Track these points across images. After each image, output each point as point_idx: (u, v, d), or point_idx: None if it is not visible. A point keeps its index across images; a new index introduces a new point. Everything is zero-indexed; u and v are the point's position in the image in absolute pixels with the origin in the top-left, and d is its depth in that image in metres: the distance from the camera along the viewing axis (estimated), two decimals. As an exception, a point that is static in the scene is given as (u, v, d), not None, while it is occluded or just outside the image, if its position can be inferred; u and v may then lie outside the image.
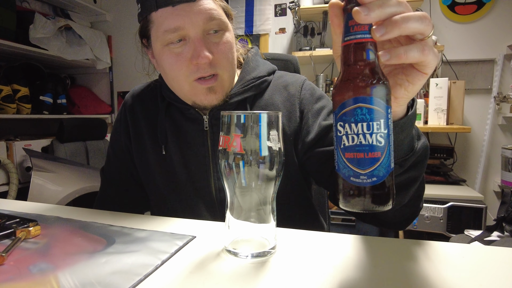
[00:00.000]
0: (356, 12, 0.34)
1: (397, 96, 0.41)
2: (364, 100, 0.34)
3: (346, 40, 0.36)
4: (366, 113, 0.34)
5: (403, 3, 0.36)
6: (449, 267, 0.41)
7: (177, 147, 0.72)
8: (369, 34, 0.35)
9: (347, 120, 0.34)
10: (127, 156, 0.78)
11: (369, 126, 0.34)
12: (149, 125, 0.75)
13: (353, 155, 0.35)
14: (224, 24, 0.63)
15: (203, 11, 0.59)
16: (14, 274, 0.40)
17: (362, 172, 0.34)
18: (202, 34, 0.61)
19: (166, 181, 0.73)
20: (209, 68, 0.62)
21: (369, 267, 0.41)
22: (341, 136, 0.35)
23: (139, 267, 0.41)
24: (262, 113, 0.41)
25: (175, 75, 0.64)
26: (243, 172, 0.42)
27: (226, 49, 0.64)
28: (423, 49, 0.36)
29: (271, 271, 0.40)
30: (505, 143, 2.00)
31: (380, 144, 0.34)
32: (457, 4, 2.05)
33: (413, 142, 0.49)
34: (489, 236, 1.32)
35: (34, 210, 0.65)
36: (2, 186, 1.83)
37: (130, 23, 2.62)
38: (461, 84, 1.87)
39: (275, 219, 0.46)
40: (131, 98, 0.80)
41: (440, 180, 1.87)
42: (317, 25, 2.30)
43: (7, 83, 1.97)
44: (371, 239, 0.50)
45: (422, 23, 0.35)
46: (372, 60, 0.35)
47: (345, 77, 0.36)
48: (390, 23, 0.34)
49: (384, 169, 0.34)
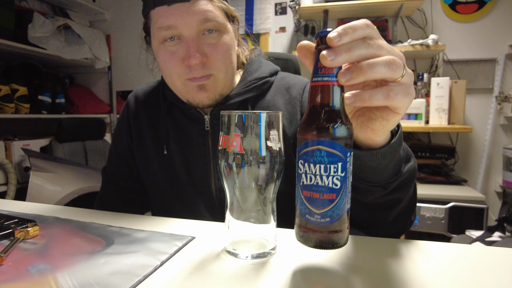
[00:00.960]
0: (322, 56, 0.34)
1: (374, 129, 0.41)
2: (324, 143, 0.35)
3: (313, 81, 0.37)
4: (325, 156, 0.35)
5: (374, 44, 0.36)
6: (451, 267, 0.41)
7: (179, 147, 0.72)
8: (336, 77, 0.35)
9: (307, 159, 0.36)
10: (129, 155, 0.79)
11: (327, 168, 0.35)
12: (151, 125, 0.75)
13: (309, 194, 0.36)
14: (222, 25, 0.63)
15: (197, 12, 0.60)
16: (12, 275, 0.40)
17: (316, 212, 0.36)
18: (196, 34, 0.61)
19: (167, 181, 0.74)
20: (201, 70, 0.62)
21: (369, 268, 0.41)
22: (301, 174, 0.36)
23: (138, 267, 0.41)
24: (262, 113, 0.41)
25: (169, 73, 0.65)
26: (243, 172, 0.41)
27: (222, 50, 0.63)
28: (387, 95, 0.36)
29: (271, 272, 0.40)
30: (506, 143, 1.99)
31: (336, 186, 0.35)
32: (458, 3, 2.05)
33: (400, 165, 0.48)
34: (491, 236, 1.31)
35: (33, 211, 0.65)
36: (1, 186, 1.82)
37: (129, 22, 2.62)
38: (462, 84, 1.87)
39: (275, 219, 0.45)
40: (134, 98, 0.80)
41: (441, 180, 1.86)
42: (318, 24, 2.30)
43: (6, 83, 1.96)
44: (372, 239, 0.50)
45: (389, 68, 0.35)
46: (336, 104, 0.36)
47: (310, 117, 0.37)
48: (356, 69, 0.34)
49: (338, 210, 0.36)
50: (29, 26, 2.02)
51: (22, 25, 2.02)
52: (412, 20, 2.13)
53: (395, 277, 0.39)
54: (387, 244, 0.48)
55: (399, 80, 0.37)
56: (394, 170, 0.48)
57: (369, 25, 0.36)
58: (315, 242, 0.37)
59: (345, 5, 1.98)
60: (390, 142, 0.45)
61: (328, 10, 2.05)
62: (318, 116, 0.36)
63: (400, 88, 0.37)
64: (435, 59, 2.11)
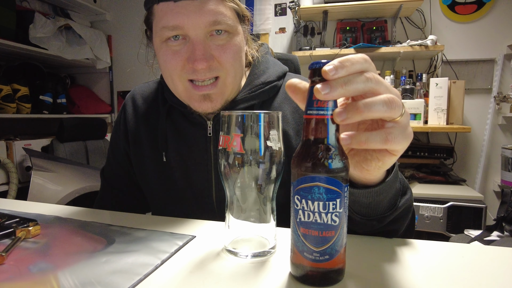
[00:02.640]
0: (316, 90, 0.32)
1: (369, 169, 0.39)
2: (322, 180, 0.34)
3: (307, 114, 0.35)
4: (323, 193, 0.34)
5: (372, 79, 0.33)
6: (449, 267, 0.41)
7: (178, 153, 0.68)
8: (331, 110, 0.34)
9: (305, 196, 0.34)
10: (126, 160, 0.76)
11: (325, 205, 0.34)
12: (149, 130, 0.71)
13: (307, 232, 0.35)
14: (232, 27, 0.58)
15: (206, 13, 0.55)
16: (14, 274, 0.40)
17: (315, 250, 0.35)
18: (204, 35, 0.56)
19: (165, 188, 0.71)
20: (208, 72, 0.58)
21: (368, 267, 0.41)
22: (298, 210, 0.35)
23: (139, 266, 0.41)
24: (261, 113, 0.41)
25: (170, 73, 0.60)
26: (243, 171, 0.42)
27: (231, 53, 0.59)
28: (385, 139, 0.34)
29: (271, 271, 0.40)
30: (505, 143, 2.00)
31: (335, 223, 0.34)
32: (457, 3, 2.05)
33: (396, 198, 0.47)
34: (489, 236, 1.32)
35: (34, 210, 0.65)
36: (2, 185, 1.83)
37: (130, 22, 2.62)
38: (461, 84, 1.87)
39: (275, 218, 0.46)
40: (131, 100, 0.76)
41: (440, 180, 1.87)
42: (317, 25, 2.30)
43: (7, 83, 1.97)
44: (371, 238, 0.50)
45: (388, 108, 0.33)
46: (332, 138, 0.35)
47: (305, 151, 0.35)
48: (352, 109, 0.32)
49: (337, 246, 0.35)
50: (30, 27, 2.03)
51: (23, 26, 2.03)
52: (411, 20, 2.14)
53: (394, 276, 0.39)
54: (386, 243, 0.49)
55: (397, 120, 0.35)
56: (390, 204, 0.46)
57: (367, 60, 0.34)
58: (315, 282, 0.36)
59: (344, 6, 1.98)
60: (385, 180, 0.42)
61: (328, 11, 2.05)
62: (314, 151, 0.34)
63: (398, 131, 0.35)
64: (434, 60, 2.12)
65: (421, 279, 0.38)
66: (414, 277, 0.38)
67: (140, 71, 0.75)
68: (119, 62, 2.73)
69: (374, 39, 2.12)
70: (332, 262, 0.35)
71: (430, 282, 0.37)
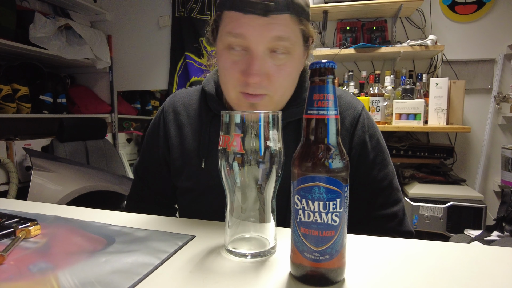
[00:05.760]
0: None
1: None
2: (322, 179, 0.34)
3: (308, 113, 0.35)
4: (324, 192, 0.34)
5: None
6: (449, 267, 0.41)
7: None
8: (333, 110, 0.34)
9: (305, 196, 0.35)
10: (163, 163, 0.76)
11: (326, 205, 0.34)
12: (189, 137, 0.72)
13: (308, 231, 0.35)
14: (292, 49, 0.59)
15: (271, 30, 0.56)
16: (14, 274, 0.40)
17: (315, 249, 0.35)
18: (263, 52, 0.58)
19: (199, 192, 0.71)
20: (258, 88, 0.59)
21: (368, 267, 0.41)
22: (298, 210, 0.36)
23: (139, 266, 0.41)
24: (261, 113, 0.41)
25: (226, 81, 0.63)
26: (243, 171, 0.42)
27: (285, 74, 0.60)
28: None
29: (271, 270, 0.40)
30: (505, 143, 2.00)
31: (335, 223, 0.34)
32: (457, 3, 2.05)
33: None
34: (489, 236, 1.32)
35: (34, 210, 0.65)
36: (2, 185, 1.83)
37: (130, 22, 2.62)
38: (461, 84, 1.87)
39: (275, 218, 0.46)
40: (172, 107, 0.76)
41: (440, 180, 1.87)
42: (317, 25, 2.30)
43: (7, 83, 1.97)
44: (371, 239, 0.50)
45: None
46: (333, 138, 0.35)
47: (306, 151, 0.35)
48: None
49: (337, 246, 0.35)
50: (30, 27, 2.03)
51: (23, 26, 2.03)
52: (411, 20, 2.14)
53: (394, 276, 0.39)
54: (386, 243, 0.49)
55: None
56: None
57: None
58: (315, 280, 0.36)
59: (344, 5, 1.98)
60: None
61: (328, 11, 2.05)
62: (315, 151, 0.35)
63: None
64: (434, 60, 2.12)
65: (421, 279, 0.38)
66: (414, 277, 0.38)
67: (140, 72, 0.74)
68: (119, 62, 2.73)
69: (374, 39, 2.12)
70: (332, 262, 0.35)
71: (430, 282, 0.37)
